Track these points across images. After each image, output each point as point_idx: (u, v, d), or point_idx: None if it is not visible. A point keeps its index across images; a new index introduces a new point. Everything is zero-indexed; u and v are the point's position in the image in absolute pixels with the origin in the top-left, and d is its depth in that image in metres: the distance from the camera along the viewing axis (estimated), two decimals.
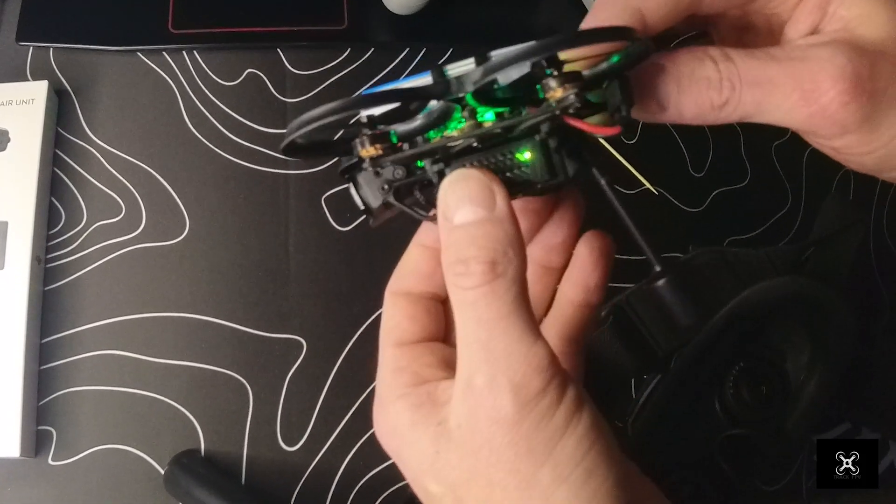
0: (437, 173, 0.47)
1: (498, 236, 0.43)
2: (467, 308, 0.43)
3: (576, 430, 0.41)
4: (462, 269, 0.43)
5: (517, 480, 0.41)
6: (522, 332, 0.42)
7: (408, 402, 0.46)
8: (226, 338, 0.87)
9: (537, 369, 0.41)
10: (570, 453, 0.41)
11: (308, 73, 0.96)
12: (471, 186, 0.44)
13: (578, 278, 0.55)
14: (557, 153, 0.47)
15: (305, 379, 0.86)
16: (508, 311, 0.42)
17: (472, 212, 0.44)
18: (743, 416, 0.75)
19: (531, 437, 0.41)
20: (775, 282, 0.73)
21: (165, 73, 0.95)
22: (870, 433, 0.88)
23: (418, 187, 0.49)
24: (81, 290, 0.87)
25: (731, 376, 0.75)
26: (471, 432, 0.42)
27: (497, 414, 0.41)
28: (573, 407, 0.42)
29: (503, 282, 0.42)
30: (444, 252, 0.44)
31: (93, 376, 0.85)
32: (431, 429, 0.44)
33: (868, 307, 0.94)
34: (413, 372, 0.48)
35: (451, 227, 0.44)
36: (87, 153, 0.91)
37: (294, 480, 0.84)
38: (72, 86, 0.94)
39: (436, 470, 0.44)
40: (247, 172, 0.92)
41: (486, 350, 0.42)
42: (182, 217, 0.90)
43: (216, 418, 0.85)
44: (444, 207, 0.45)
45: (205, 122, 0.93)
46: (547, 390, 0.41)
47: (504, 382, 0.41)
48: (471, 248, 0.43)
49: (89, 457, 0.83)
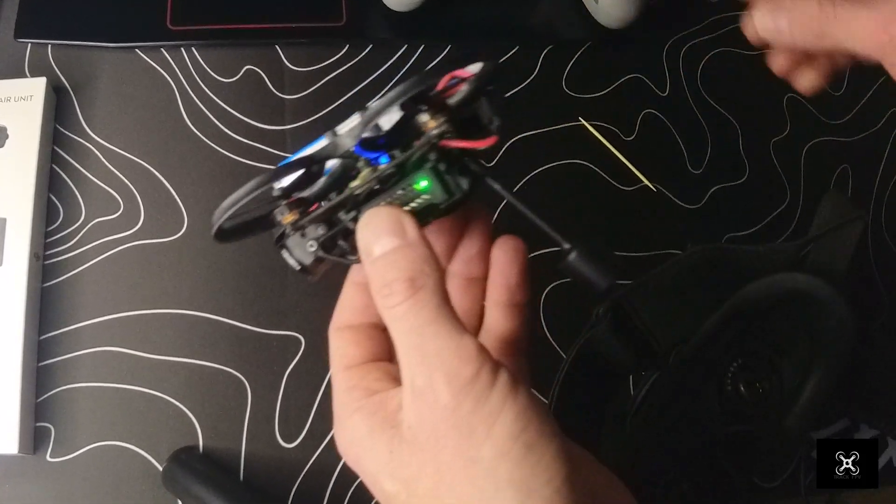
0: (352, 220, 0.53)
1: (413, 257, 0.48)
2: (398, 322, 0.47)
3: (512, 409, 0.44)
4: (387, 291, 0.47)
5: (463, 461, 0.44)
6: (449, 331, 0.46)
7: (363, 414, 0.50)
8: (224, 334, 0.87)
9: (467, 360, 0.45)
10: (509, 430, 0.44)
11: (306, 69, 0.95)
12: (382, 221, 0.50)
13: (499, 281, 0.59)
14: (449, 174, 0.52)
15: (304, 375, 0.86)
16: (434, 316, 0.46)
17: (387, 242, 0.49)
18: (741, 413, 0.75)
19: (470, 419, 0.44)
20: (774, 278, 0.73)
21: (164, 70, 0.94)
22: (868, 430, 0.88)
23: (341, 237, 0.54)
24: (80, 286, 0.87)
25: (730, 373, 0.75)
26: (419, 428, 0.46)
27: (437, 404, 0.45)
28: (507, 389, 0.45)
29: (424, 293, 0.47)
30: (370, 283, 0.49)
31: (91, 373, 0.84)
32: (386, 433, 0.48)
33: (866, 304, 0.94)
34: (364, 387, 0.52)
35: (373, 259, 0.49)
36: (85, 150, 0.91)
37: (292, 477, 0.84)
38: (70, 82, 0.93)
39: (391, 469, 0.47)
40: (245, 169, 0.91)
41: (421, 353, 0.46)
42: (180, 213, 0.90)
43: (214, 415, 0.84)
44: (363, 245, 0.50)
45: (203, 119, 0.93)
46: (479, 376, 0.45)
47: (439, 377, 0.45)
48: (391, 271, 0.48)
49: (87, 453, 0.82)
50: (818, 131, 1.05)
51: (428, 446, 0.45)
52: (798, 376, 0.76)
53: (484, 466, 0.44)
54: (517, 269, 0.58)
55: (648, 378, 0.76)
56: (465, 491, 0.44)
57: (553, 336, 0.87)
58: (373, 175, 0.52)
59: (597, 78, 1.02)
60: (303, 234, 0.53)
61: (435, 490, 0.45)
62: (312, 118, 0.94)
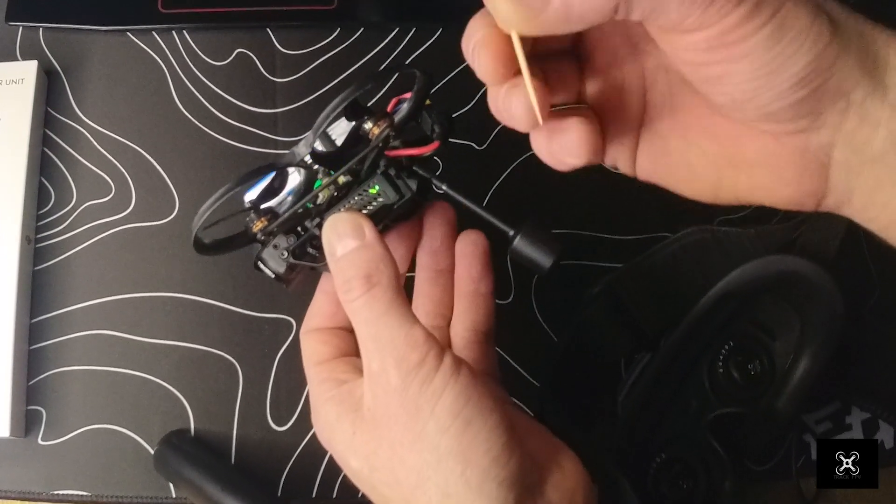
0: (317, 226, 0.60)
1: (370, 257, 0.54)
2: (357, 314, 0.53)
3: (453, 388, 0.50)
4: (347, 287, 0.54)
5: (411, 435, 0.50)
6: (400, 321, 0.52)
7: (333, 402, 0.56)
8: (215, 317, 0.86)
9: (414, 346, 0.51)
10: (449, 408, 0.50)
11: (297, 52, 0.94)
12: (344, 225, 0.56)
13: (464, 272, 0.66)
14: (399, 178, 0.61)
15: (295, 359, 0.83)
16: (386, 308, 0.52)
17: (348, 243, 0.55)
18: (732, 395, 0.75)
19: (417, 399, 0.50)
20: (765, 260, 0.73)
21: (155, 53, 0.93)
22: (859, 412, 0.87)
23: (310, 245, 0.61)
24: (71, 269, 0.86)
25: (721, 355, 0.75)
26: (376, 408, 0.52)
27: (389, 386, 0.51)
28: (449, 371, 0.51)
29: (379, 288, 0.53)
30: (335, 280, 0.55)
31: (82, 356, 0.84)
32: (350, 415, 0.54)
33: (857, 286, 0.93)
34: (334, 379, 0.58)
35: (336, 259, 0.55)
36: (76, 133, 0.90)
37: (284, 460, 0.83)
38: (61, 66, 0.92)
39: (354, 448, 0.54)
40: (236, 152, 0.90)
41: (375, 341, 0.52)
42: (172, 197, 0.89)
43: (206, 398, 0.84)
44: (327, 246, 0.56)
45: (194, 102, 0.92)
46: (425, 360, 0.50)
47: (391, 361, 0.51)
48: (351, 269, 0.54)
49: (79, 436, 0.82)
50: None
51: (382, 424, 0.52)
52: (789, 358, 0.75)
53: (428, 441, 0.50)
54: (479, 261, 0.66)
55: (640, 360, 0.76)
56: (414, 463, 0.50)
57: (545, 321, 0.86)
58: (330, 183, 0.59)
59: None
60: (275, 247, 0.60)
61: (389, 462, 0.51)
62: (303, 101, 0.92)
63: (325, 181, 0.60)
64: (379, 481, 0.53)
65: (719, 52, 0.43)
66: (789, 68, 0.43)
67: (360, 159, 0.59)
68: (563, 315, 0.79)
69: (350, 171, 0.60)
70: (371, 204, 0.60)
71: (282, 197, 0.61)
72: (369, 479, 0.53)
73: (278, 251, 0.60)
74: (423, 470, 0.50)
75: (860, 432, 0.87)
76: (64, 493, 0.80)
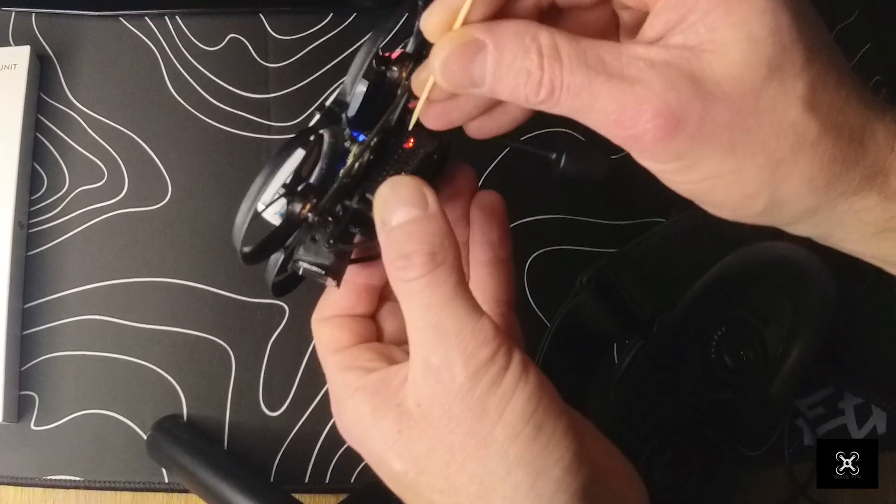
0: (359, 200, 0.51)
1: (434, 230, 0.46)
2: (414, 296, 0.46)
3: (524, 390, 0.44)
4: (404, 263, 0.45)
5: (475, 441, 0.44)
6: (468, 311, 0.45)
7: (365, 394, 0.49)
8: (208, 303, 0.85)
9: (484, 342, 0.44)
10: (520, 411, 0.44)
11: (290, 38, 0.93)
12: (404, 191, 0.47)
13: (481, 238, 0.57)
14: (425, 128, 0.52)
15: (288, 344, 0.84)
16: (452, 294, 0.45)
17: (407, 212, 0.46)
18: (725, 381, 0.75)
19: (484, 401, 0.44)
20: (757, 247, 0.72)
21: (147, 39, 0.92)
22: (852, 397, 0.87)
23: (353, 226, 0.52)
24: (64, 255, 0.85)
25: (714, 341, 0.75)
26: (431, 406, 0.45)
27: (453, 384, 0.44)
28: (519, 370, 0.45)
29: (444, 269, 0.45)
30: (384, 252, 0.47)
31: (75, 341, 0.83)
32: (392, 411, 0.47)
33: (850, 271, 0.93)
34: (359, 367, 0.51)
35: (389, 228, 0.47)
36: (69, 118, 0.89)
37: (276, 445, 0.82)
38: (54, 51, 0.91)
39: (399, 448, 0.47)
40: (229, 137, 0.89)
41: (438, 332, 0.45)
42: (164, 182, 0.88)
43: (198, 383, 0.83)
44: (381, 214, 0.47)
45: (187, 88, 0.91)
46: (495, 359, 0.44)
47: (457, 357, 0.44)
48: (410, 243, 0.46)
49: (72, 422, 0.81)
50: None
51: (440, 425, 0.45)
52: (781, 344, 0.75)
53: (495, 448, 0.44)
54: (497, 224, 0.57)
55: (632, 346, 0.75)
56: (476, 471, 0.44)
57: (537, 305, 0.85)
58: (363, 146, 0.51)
59: None
60: (314, 240, 0.51)
61: (445, 469, 0.45)
62: (296, 86, 0.91)
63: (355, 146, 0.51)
64: (428, 486, 0.47)
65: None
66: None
67: (394, 108, 0.51)
68: (555, 299, 0.78)
69: (384, 127, 0.51)
70: (412, 159, 0.52)
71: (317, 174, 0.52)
72: (415, 483, 0.47)
73: (319, 244, 0.51)
74: (488, 480, 0.44)
75: (853, 417, 0.87)
76: (57, 478, 0.80)
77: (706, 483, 0.74)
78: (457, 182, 0.57)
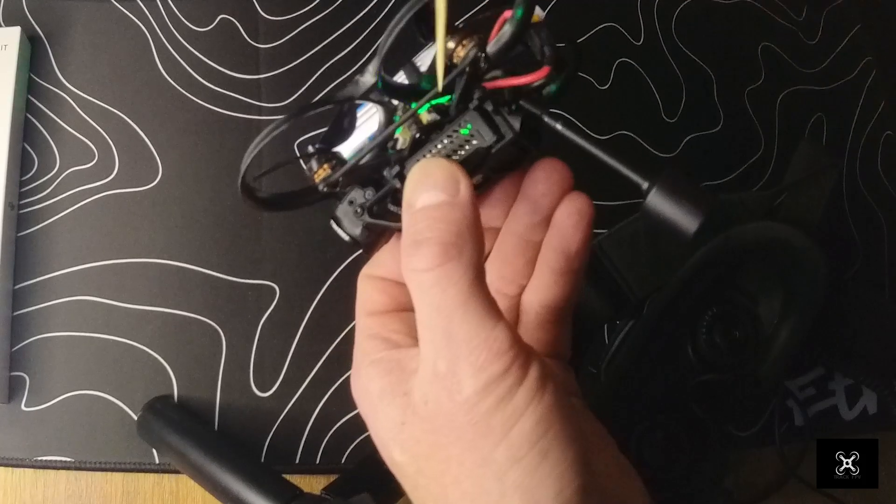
0: (395, 176, 0.47)
1: (455, 219, 0.42)
2: (424, 294, 0.42)
3: (535, 411, 0.40)
4: (416, 251, 0.41)
5: (474, 458, 0.40)
6: (482, 317, 0.40)
7: (379, 369, 0.46)
8: (199, 283, 0.84)
9: (498, 353, 0.40)
10: (527, 434, 0.40)
11: (281, 18, 0.91)
12: (435, 173, 0.43)
13: (558, 245, 0.51)
14: (498, 114, 0.46)
15: (278, 325, 0.83)
16: (465, 297, 0.41)
17: (433, 195, 0.43)
18: (716, 361, 0.74)
19: (490, 418, 0.40)
20: (748, 227, 0.71)
21: (138, 19, 0.90)
22: (843, 379, 0.86)
23: (390, 200, 0.48)
24: (54, 236, 0.84)
25: (704, 321, 0.74)
26: (435, 410, 0.41)
27: (459, 395, 0.40)
28: (535, 387, 0.40)
29: (458, 266, 0.41)
30: (403, 235, 0.43)
31: (66, 322, 0.82)
32: (399, 399, 0.44)
33: (840, 252, 0.93)
34: (383, 338, 0.48)
35: (413, 211, 0.43)
36: (59, 99, 0.88)
37: (267, 426, 0.81)
38: (45, 32, 0.90)
39: (401, 440, 0.44)
40: (220, 118, 0.88)
41: (447, 337, 0.41)
42: (155, 163, 0.86)
43: (189, 364, 0.82)
44: (408, 194, 0.44)
45: (178, 68, 0.89)
46: (508, 373, 0.40)
47: (466, 367, 0.40)
48: (427, 229, 0.42)
49: (62, 402, 0.80)
50: (793, 80, 1.02)
51: (442, 433, 0.41)
52: (772, 325, 0.74)
53: (494, 469, 0.40)
54: (580, 236, 0.50)
55: (623, 327, 0.74)
56: (471, 490, 0.41)
57: None
58: (408, 119, 0.46)
59: (571, 26, 0.98)
60: (350, 202, 0.49)
61: (441, 477, 0.42)
62: (287, 67, 0.90)
63: (402, 117, 0.47)
64: (424, 487, 0.44)
65: None
66: None
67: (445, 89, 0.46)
68: None
69: (436, 106, 0.46)
70: (463, 148, 0.46)
71: (356, 141, 0.49)
72: (413, 479, 0.44)
73: (353, 207, 0.49)
74: (481, 500, 0.41)
75: (843, 398, 0.87)
76: (47, 458, 0.79)
77: (697, 463, 0.73)
78: (541, 177, 0.50)
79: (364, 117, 0.50)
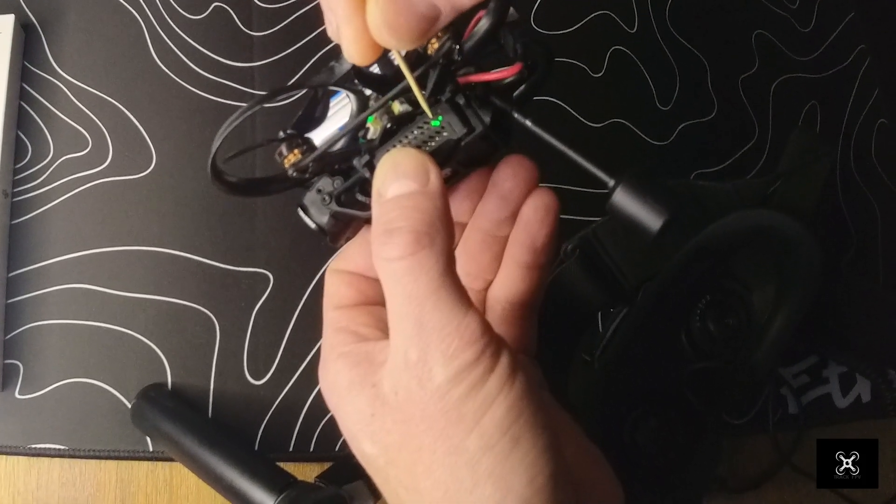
0: (365, 166, 0.47)
1: (427, 208, 0.42)
2: (396, 283, 0.42)
3: (506, 398, 0.40)
4: (387, 240, 0.42)
5: (446, 447, 0.40)
6: (453, 305, 0.41)
7: (347, 361, 0.45)
8: (192, 271, 0.83)
9: (469, 342, 0.40)
10: (499, 422, 0.40)
11: (275, 6, 0.91)
12: (405, 162, 0.44)
13: (524, 240, 0.52)
14: (469, 108, 0.46)
15: (272, 313, 0.83)
16: (437, 285, 0.41)
17: (404, 185, 0.43)
18: (710, 349, 0.74)
19: (461, 406, 0.40)
20: (742, 215, 0.71)
21: (132, 7, 0.89)
22: (836, 366, 0.86)
23: (358, 189, 0.48)
24: (48, 223, 0.83)
25: (698, 309, 0.74)
26: (406, 400, 0.41)
27: (430, 383, 0.40)
28: (505, 376, 0.41)
29: (429, 254, 0.41)
30: (373, 225, 0.44)
31: (60, 310, 0.81)
32: (367, 390, 0.43)
33: (834, 240, 0.92)
34: (351, 331, 0.48)
35: (383, 201, 0.44)
36: (53, 87, 0.87)
37: (261, 414, 0.81)
38: (38, 19, 0.89)
39: (371, 432, 0.43)
40: (213, 106, 0.87)
41: (418, 325, 0.41)
42: (149, 150, 0.85)
43: (183, 352, 0.81)
44: (378, 184, 0.44)
45: (171, 56, 0.88)
46: (479, 361, 0.40)
47: (437, 355, 0.40)
48: (398, 219, 0.42)
49: (56, 390, 0.79)
50: (787, 68, 1.01)
51: (412, 420, 0.41)
52: (766, 312, 0.74)
53: (466, 457, 0.40)
54: (546, 231, 0.52)
55: (617, 315, 0.74)
56: (443, 478, 0.41)
57: None
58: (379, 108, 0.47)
59: (565, 14, 0.97)
60: (318, 191, 0.49)
61: (413, 467, 0.42)
62: (281, 55, 0.89)
63: (373, 106, 0.47)
64: (395, 479, 0.43)
65: None
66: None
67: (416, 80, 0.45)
68: None
69: (407, 97, 0.46)
70: (433, 139, 0.47)
71: (328, 129, 0.49)
72: (384, 470, 0.44)
73: (321, 196, 0.49)
74: (454, 489, 0.41)
75: (837, 386, 0.86)
76: (41, 446, 0.78)
77: (690, 451, 0.73)
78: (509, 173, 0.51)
79: (336, 107, 0.50)
